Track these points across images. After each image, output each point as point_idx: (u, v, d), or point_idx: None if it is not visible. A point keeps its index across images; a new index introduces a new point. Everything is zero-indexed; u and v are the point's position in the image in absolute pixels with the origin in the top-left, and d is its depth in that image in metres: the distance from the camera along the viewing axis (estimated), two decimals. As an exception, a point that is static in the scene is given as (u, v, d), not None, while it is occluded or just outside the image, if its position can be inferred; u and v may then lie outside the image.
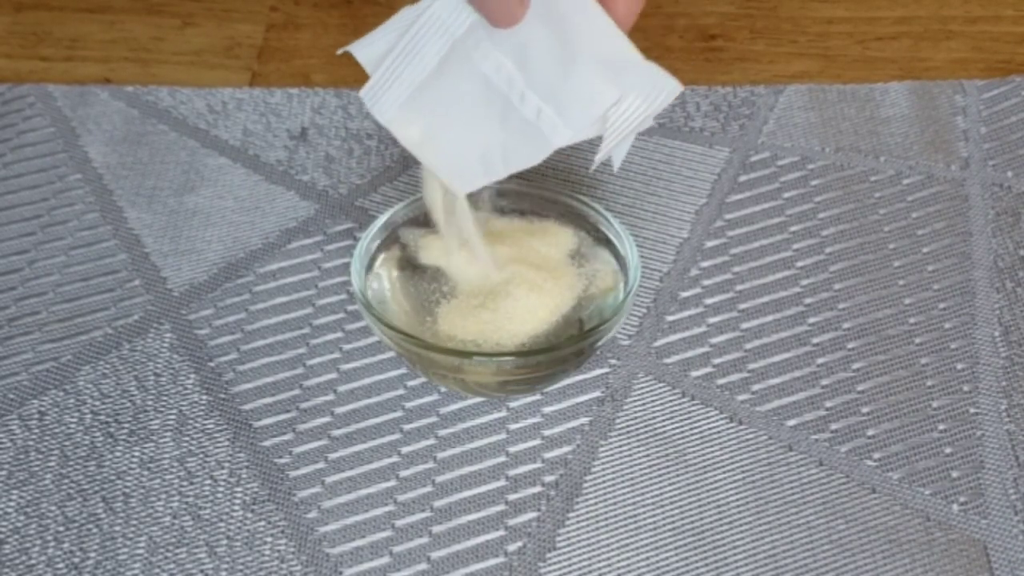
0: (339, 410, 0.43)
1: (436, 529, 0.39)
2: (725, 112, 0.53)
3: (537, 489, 0.40)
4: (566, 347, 0.40)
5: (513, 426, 0.42)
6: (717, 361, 0.44)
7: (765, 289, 0.46)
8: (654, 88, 0.38)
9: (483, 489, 0.40)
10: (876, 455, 0.41)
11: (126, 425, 0.42)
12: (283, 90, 0.54)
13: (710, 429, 0.42)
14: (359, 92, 0.39)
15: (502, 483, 0.41)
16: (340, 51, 0.39)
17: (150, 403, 0.43)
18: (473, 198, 0.45)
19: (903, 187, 0.49)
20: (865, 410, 0.42)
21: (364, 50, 0.39)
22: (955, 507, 0.40)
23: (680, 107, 0.53)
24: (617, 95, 0.38)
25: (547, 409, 0.42)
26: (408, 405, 0.43)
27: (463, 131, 0.39)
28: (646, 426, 0.42)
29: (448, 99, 0.39)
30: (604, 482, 0.40)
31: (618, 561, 0.39)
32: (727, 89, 0.54)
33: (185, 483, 0.41)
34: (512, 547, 0.39)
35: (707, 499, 0.40)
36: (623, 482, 0.40)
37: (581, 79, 0.38)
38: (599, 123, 0.39)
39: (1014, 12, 0.57)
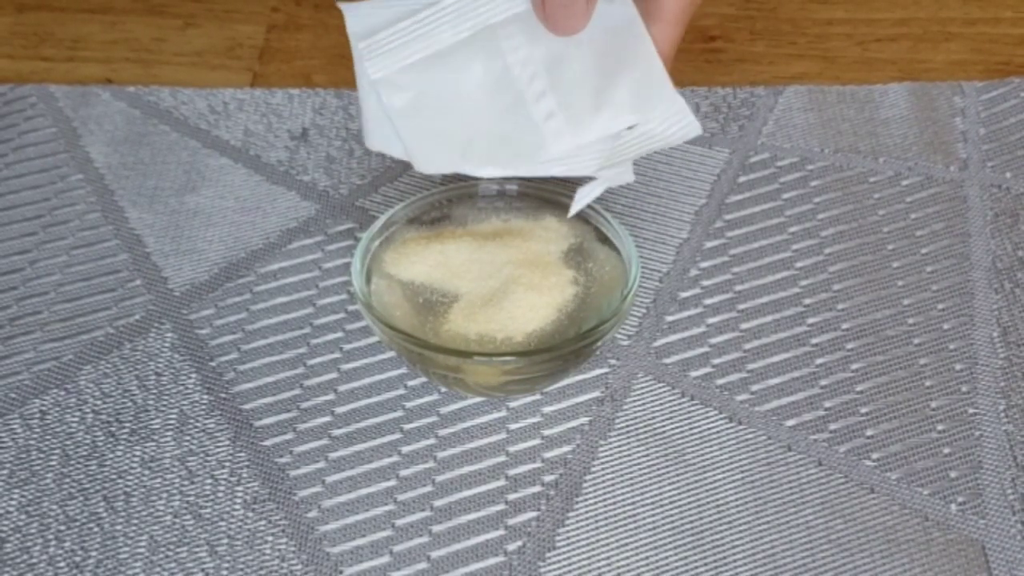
0: (339, 410, 0.43)
1: (436, 528, 0.40)
2: (725, 113, 0.53)
3: (537, 489, 0.40)
4: (566, 347, 0.40)
5: (513, 426, 0.42)
6: (716, 361, 0.44)
7: (764, 290, 0.46)
8: (674, 122, 0.38)
9: (483, 489, 0.41)
10: (875, 455, 0.41)
11: (127, 424, 0.42)
12: (284, 91, 0.54)
13: (709, 429, 0.42)
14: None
15: (502, 483, 0.41)
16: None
17: (151, 402, 0.43)
18: (473, 199, 0.45)
19: (902, 188, 0.49)
20: (864, 410, 0.42)
21: (354, 15, 0.38)
22: (953, 507, 0.40)
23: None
24: (635, 121, 0.38)
25: (547, 409, 0.43)
26: (408, 405, 0.43)
27: (456, 112, 0.39)
28: (646, 426, 0.42)
29: (453, 77, 0.38)
30: (604, 482, 0.41)
31: (618, 561, 0.39)
32: (727, 90, 0.54)
33: (186, 482, 0.41)
34: (512, 547, 0.39)
35: (706, 499, 0.40)
36: (623, 482, 0.40)
37: (606, 98, 0.38)
38: (601, 146, 0.38)
39: (1013, 14, 0.57)
